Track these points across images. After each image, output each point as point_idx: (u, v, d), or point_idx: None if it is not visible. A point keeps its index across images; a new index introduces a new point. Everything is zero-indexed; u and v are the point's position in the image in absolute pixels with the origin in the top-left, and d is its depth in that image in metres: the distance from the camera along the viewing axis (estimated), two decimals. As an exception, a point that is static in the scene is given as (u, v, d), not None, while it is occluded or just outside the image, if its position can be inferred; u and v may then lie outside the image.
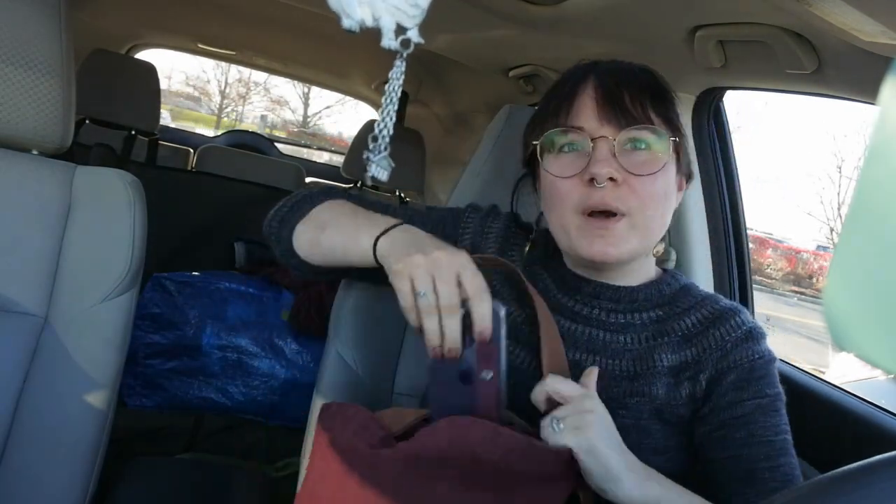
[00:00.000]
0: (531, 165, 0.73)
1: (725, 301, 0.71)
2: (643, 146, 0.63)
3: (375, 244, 0.62)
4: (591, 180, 0.62)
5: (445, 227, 0.78)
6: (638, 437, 0.64)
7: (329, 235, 0.68)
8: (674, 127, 0.66)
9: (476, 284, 0.54)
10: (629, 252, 0.64)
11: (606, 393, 0.64)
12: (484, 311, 0.54)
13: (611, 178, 0.62)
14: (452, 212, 0.80)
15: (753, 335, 0.67)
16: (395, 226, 0.63)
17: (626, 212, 0.62)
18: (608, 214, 0.63)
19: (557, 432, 0.53)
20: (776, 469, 0.62)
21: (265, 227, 0.76)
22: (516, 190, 0.82)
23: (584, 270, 0.71)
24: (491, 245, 0.78)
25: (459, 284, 0.54)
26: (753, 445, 0.62)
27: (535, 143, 0.68)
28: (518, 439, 0.51)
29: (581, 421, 0.53)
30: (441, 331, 0.53)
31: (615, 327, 0.69)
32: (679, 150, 0.67)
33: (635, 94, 0.64)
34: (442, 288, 0.53)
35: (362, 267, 0.65)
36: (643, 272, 0.71)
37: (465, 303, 0.54)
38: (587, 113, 0.64)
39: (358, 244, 0.64)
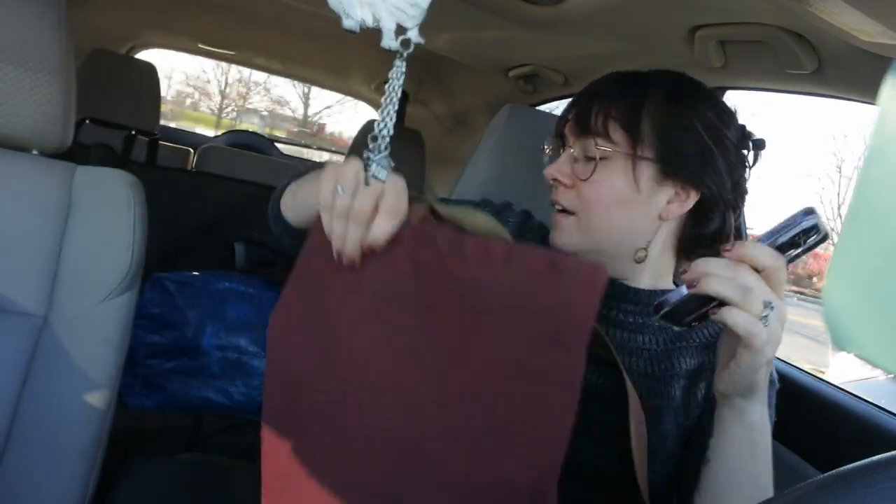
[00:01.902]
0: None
1: None
2: (594, 156, 0.67)
3: None
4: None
5: None
6: (657, 443, 0.65)
7: (303, 188, 0.68)
8: (636, 134, 0.66)
9: (391, 205, 0.47)
10: (571, 245, 0.70)
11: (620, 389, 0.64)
12: (382, 230, 0.47)
13: (556, 180, 0.69)
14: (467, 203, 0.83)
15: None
16: None
17: (573, 211, 0.69)
18: (563, 210, 0.70)
19: (767, 324, 0.51)
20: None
21: (269, 209, 0.76)
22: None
23: None
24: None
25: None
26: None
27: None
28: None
29: (783, 310, 0.53)
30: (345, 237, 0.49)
31: (633, 327, 0.70)
32: (635, 162, 0.66)
33: (604, 107, 0.67)
34: (361, 197, 0.48)
35: None
36: (663, 275, 0.73)
37: None
38: (569, 123, 0.71)
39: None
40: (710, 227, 0.69)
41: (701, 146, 0.66)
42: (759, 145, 0.70)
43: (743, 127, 0.70)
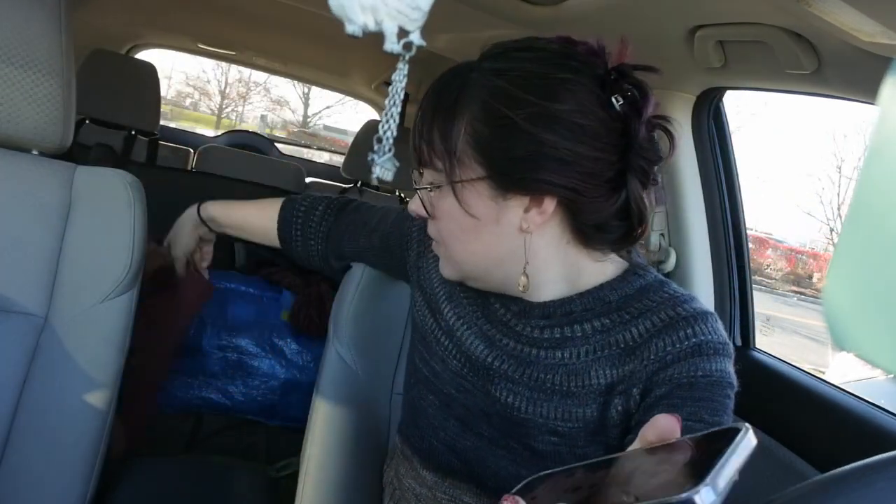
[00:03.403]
0: None
1: (691, 306, 0.61)
2: (433, 186, 0.62)
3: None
4: None
5: (386, 223, 0.86)
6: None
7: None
8: (455, 155, 0.58)
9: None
10: (450, 276, 0.67)
11: (536, 408, 0.62)
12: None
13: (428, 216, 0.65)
14: (392, 210, 0.88)
15: (703, 350, 0.57)
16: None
17: (439, 241, 0.66)
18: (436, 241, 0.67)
19: None
20: None
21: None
22: None
23: None
24: (414, 247, 0.80)
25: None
26: None
27: None
28: None
29: None
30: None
31: (550, 343, 0.63)
32: (456, 189, 0.59)
33: (424, 133, 0.61)
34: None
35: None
36: (582, 280, 0.64)
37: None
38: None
39: None
40: (597, 215, 0.59)
41: (527, 145, 0.55)
42: (625, 74, 0.59)
43: (593, 75, 0.57)
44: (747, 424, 0.35)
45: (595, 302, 0.63)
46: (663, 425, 0.34)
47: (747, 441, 0.34)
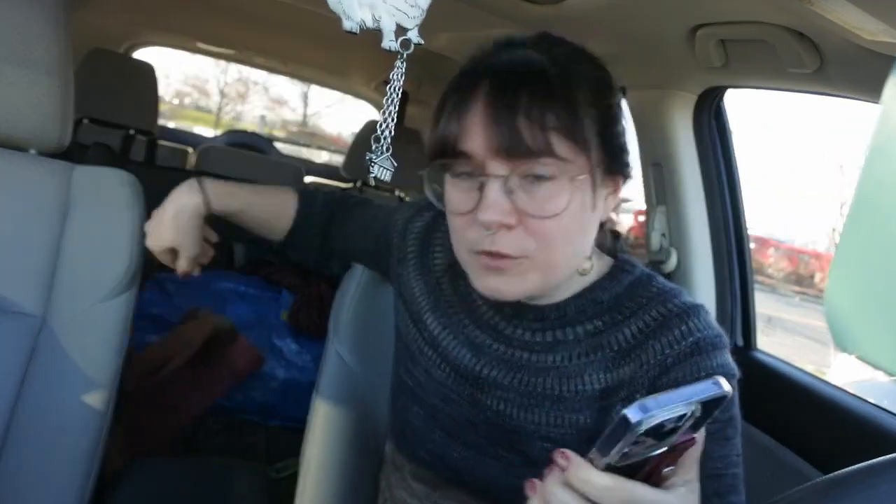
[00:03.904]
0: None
1: (680, 300, 0.59)
2: (547, 179, 0.53)
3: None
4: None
5: (377, 225, 0.82)
6: None
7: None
8: (583, 143, 0.54)
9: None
10: (526, 291, 0.57)
11: (527, 414, 0.60)
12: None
13: (502, 224, 0.53)
14: (385, 210, 0.83)
15: (701, 348, 0.56)
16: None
17: (524, 255, 0.54)
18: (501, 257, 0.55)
19: None
20: None
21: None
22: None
23: None
24: (412, 245, 0.75)
25: None
26: (700, 480, 0.47)
27: (427, 149, 0.59)
28: None
29: None
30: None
31: (542, 347, 0.61)
32: (593, 177, 0.55)
33: (535, 111, 0.52)
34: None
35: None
36: (573, 284, 0.62)
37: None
38: (476, 138, 0.53)
39: None
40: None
41: (620, 129, 0.57)
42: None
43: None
44: (721, 379, 0.39)
45: (588, 303, 0.62)
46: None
47: (707, 385, 0.38)
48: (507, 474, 0.62)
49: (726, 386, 0.38)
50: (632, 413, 0.36)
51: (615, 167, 0.58)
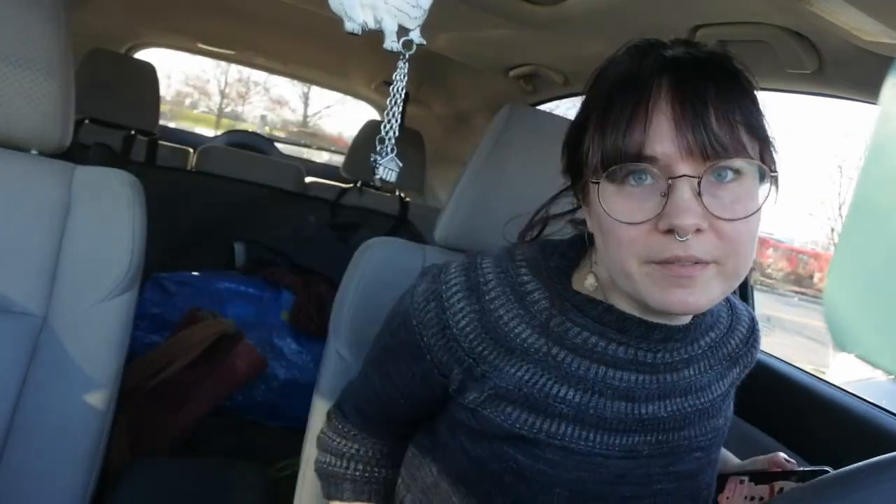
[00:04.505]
0: (575, 173, 0.58)
1: (738, 305, 0.69)
2: (733, 180, 0.50)
3: None
4: (669, 230, 0.49)
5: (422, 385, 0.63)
6: (711, 474, 0.64)
7: None
8: (766, 143, 0.52)
9: None
10: (712, 302, 0.52)
11: (681, 433, 0.60)
12: None
13: (697, 230, 0.49)
14: (405, 330, 0.62)
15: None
16: None
17: (714, 260, 0.50)
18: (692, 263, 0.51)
19: None
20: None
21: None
22: (542, 213, 0.64)
23: (630, 305, 0.58)
24: (472, 336, 0.58)
25: None
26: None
27: (590, 160, 0.53)
28: None
29: None
30: None
31: (680, 364, 0.61)
32: (775, 177, 0.52)
33: (722, 108, 0.49)
34: None
35: None
36: None
37: None
38: (662, 137, 0.49)
39: None
40: None
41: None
42: None
43: None
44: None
45: (707, 316, 0.63)
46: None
47: None
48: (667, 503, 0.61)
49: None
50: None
51: (774, 171, 0.54)
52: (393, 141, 0.48)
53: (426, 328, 0.60)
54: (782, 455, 0.66)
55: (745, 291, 1.19)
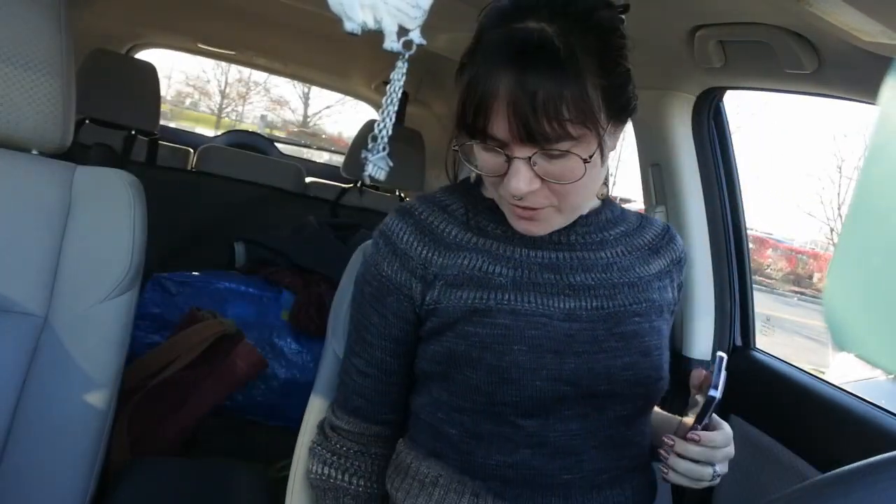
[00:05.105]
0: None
1: (654, 218, 0.81)
2: (560, 156, 0.61)
3: None
4: None
5: (387, 295, 0.73)
6: (657, 338, 0.72)
7: None
8: (592, 116, 0.60)
9: None
10: (553, 228, 0.69)
11: (613, 301, 0.71)
12: None
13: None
14: (366, 281, 0.74)
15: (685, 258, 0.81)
16: None
17: (550, 204, 0.65)
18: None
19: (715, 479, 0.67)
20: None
21: None
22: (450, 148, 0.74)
23: None
24: (414, 244, 0.71)
25: None
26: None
27: (454, 147, 0.68)
28: None
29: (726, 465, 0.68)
30: None
31: (594, 246, 0.73)
32: (601, 142, 0.63)
33: (551, 105, 0.58)
34: None
35: None
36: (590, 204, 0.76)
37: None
38: (501, 127, 0.61)
39: None
40: None
41: (627, 80, 0.64)
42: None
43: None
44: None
45: (610, 213, 0.76)
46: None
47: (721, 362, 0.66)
48: (620, 359, 0.70)
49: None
50: (714, 393, 0.62)
51: (623, 116, 0.65)
52: (385, 139, 0.48)
53: (380, 264, 0.73)
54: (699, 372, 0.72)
55: (744, 291, 1.20)
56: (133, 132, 1.97)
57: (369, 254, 0.75)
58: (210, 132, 4.39)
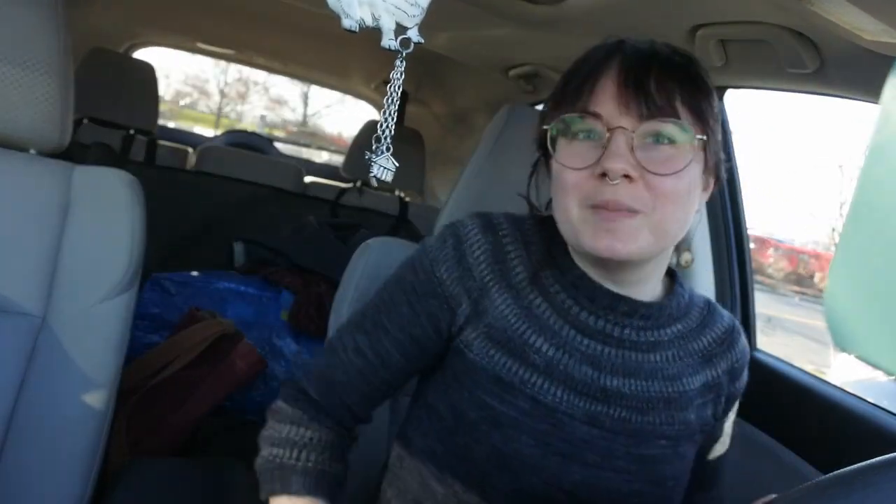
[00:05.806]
0: (545, 149, 0.65)
1: (723, 312, 0.72)
2: (665, 141, 0.57)
3: None
4: (604, 175, 0.57)
5: (418, 295, 0.67)
6: (678, 466, 0.66)
7: None
8: (704, 122, 0.59)
9: None
10: (639, 250, 0.59)
11: (645, 416, 0.64)
12: None
13: (625, 175, 0.56)
14: (415, 271, 0.68)
15: (747, 362, 0.71)
16: None
17: (641, 209, 0.57)
18: (619, 209, 0.58)
19: None
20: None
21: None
22: (533, 173, 0.72)
23: (598, 274, 0.64)
24: (486, 272, 0.65)
25: None
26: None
27: (546, 126, 0.62)
28: None
29: None
30: None
31: (647, 347, 0.65)
32: (706, 148, 0.60)
33: (663, 80, 0.58)
34: None
35: None
36: (659, 279, 0.67)
37: None
38: (606, 98, 0.58)
39: None
40: None
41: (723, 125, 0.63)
42: None
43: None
44: None
45: (675, 305, 0.67)
46: None
47: None
48: (628, 484, 0.63)
49: None
50: None
51: (708, 163, 0.62)
52: (389, 140, 0.48)
53: (441, 263, 0.66)
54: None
55: (745, 291, 1.19)
56: (132, 132, 1.96)
57: (431, 246, 0.68)
58: (209, 132, 4.39)
